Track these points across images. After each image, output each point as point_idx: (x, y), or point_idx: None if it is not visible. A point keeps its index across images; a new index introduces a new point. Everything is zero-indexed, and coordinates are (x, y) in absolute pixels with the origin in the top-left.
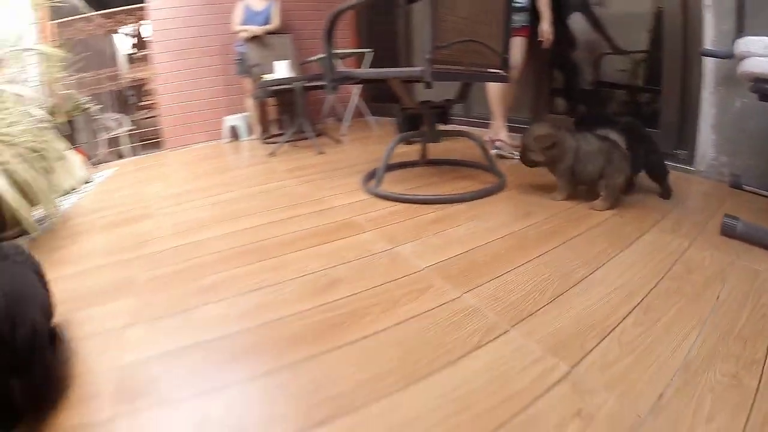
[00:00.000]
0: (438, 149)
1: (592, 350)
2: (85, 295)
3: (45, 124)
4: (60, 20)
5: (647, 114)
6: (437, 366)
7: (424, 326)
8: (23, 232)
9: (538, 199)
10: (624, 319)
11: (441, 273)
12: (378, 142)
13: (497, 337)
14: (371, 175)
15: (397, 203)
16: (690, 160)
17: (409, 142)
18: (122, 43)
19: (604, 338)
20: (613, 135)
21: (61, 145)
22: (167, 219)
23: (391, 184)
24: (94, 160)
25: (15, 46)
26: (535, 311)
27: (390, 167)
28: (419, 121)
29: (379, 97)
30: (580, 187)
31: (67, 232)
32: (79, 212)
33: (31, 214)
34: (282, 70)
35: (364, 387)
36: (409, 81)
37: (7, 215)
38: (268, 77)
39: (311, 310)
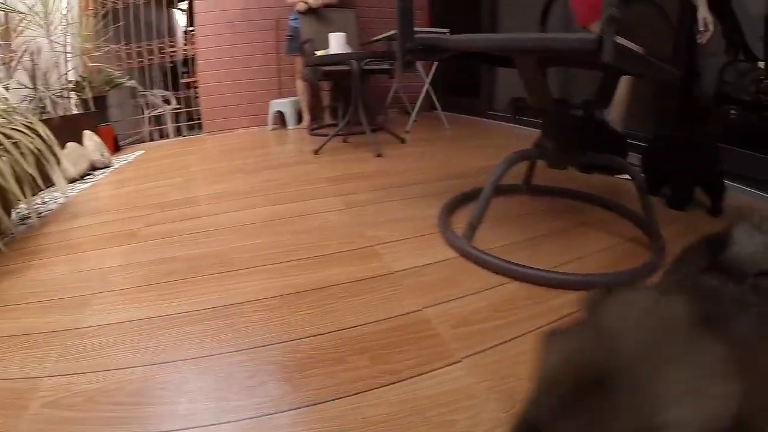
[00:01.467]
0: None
1: None
2: None
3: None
4: None
5: None
6: None
7: None
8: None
9: None
10: None
11: None
12: (454, 145)
13: None
14: (453, 207)
15: (505, 278)
16: None
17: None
18: (180, 17)
19: None
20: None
21: (47, 131)
22: (136, 255)
23: (483, 229)
24: (129, 140)
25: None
26: None
27: (468, 194)
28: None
29: (455, 89)
30: None
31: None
32: (64, 213)
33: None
34: (337, 44)
35: None
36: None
37: None
38: (320, 53)
39: None
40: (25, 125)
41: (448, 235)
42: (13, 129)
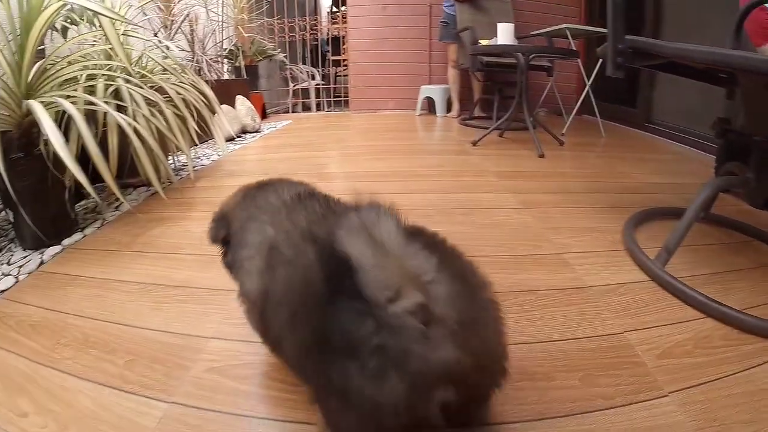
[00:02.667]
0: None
1: None
2: None
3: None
4: None
5: None
6: None
7: None
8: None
9: None
10: None
11: None
12: (614, 155)
13: None
14: (636, 224)
15: (700, 313)
16: None
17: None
18: None
19: None
20: None
21: (211, 93)
22: None
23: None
24: (275, 109)
25: None
26: None
27: (649, 212)
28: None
29: (613, 96)
30: None
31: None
32: (217, 169)
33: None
34: (505, 35)
35: None
36: None
37: (142, 161)
38: (485, 42)
39: None
40: (191, 84)
41: (638, 255)
42: (181, 85)
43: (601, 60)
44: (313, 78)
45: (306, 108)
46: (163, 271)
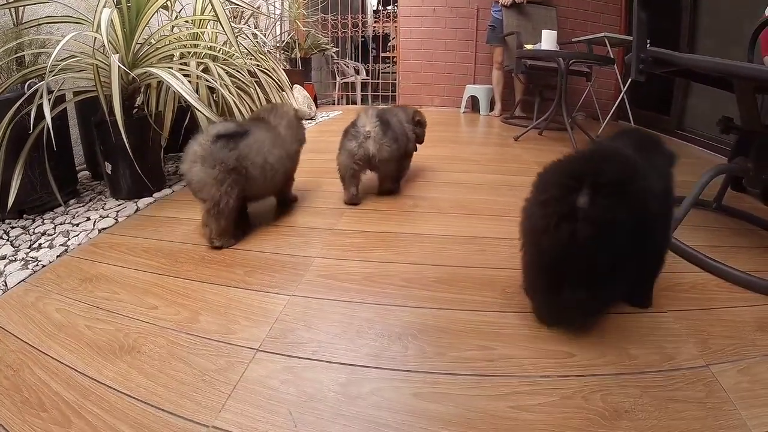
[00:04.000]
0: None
1: None
2: None
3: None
4: None
5: None
6: None
7: None
8: None
9: None
10: None
11: None
12: None
13: None
14: None
15: (702, 271)
16: None
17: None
18: None
19: None
20: None
21: (284, 75)
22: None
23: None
24: (324, 101)
25: None
26: None
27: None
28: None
29: (648, 103)
30: None
31: None
32: None
33: None
34: (549, 41)
35: None
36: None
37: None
38: (530, 47)
39: None
40: (271, 67)
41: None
42: (261, 68)
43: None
44: (358, 73)
45: (351, 102)
46: (263, 216)
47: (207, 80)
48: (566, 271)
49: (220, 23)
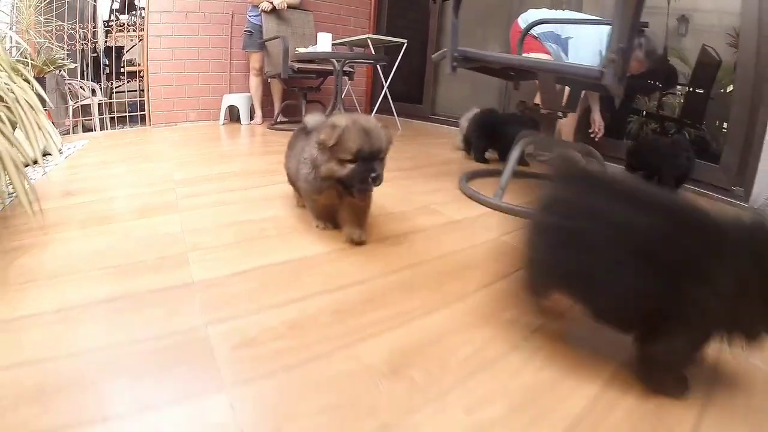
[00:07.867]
0: None
1: None
2: None
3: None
4: None
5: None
6: None
7: None
8: None
9: None
10: None
11: None
12: (421, 142)
13: None
14: (466, 180)
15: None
16: (746, 197)
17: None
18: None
19: None
20: None
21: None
22: (193, 221)
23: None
24: (60, 129)
25: None
26: None
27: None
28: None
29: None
30: None
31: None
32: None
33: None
34: (325, 43)
35: None
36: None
37: None
38: (302, 50)
39: None
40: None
41: (479, 197)
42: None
43: (396, 65)
44: (94, 93)
45: (87, 129)
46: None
47: None
48: None
49: None
